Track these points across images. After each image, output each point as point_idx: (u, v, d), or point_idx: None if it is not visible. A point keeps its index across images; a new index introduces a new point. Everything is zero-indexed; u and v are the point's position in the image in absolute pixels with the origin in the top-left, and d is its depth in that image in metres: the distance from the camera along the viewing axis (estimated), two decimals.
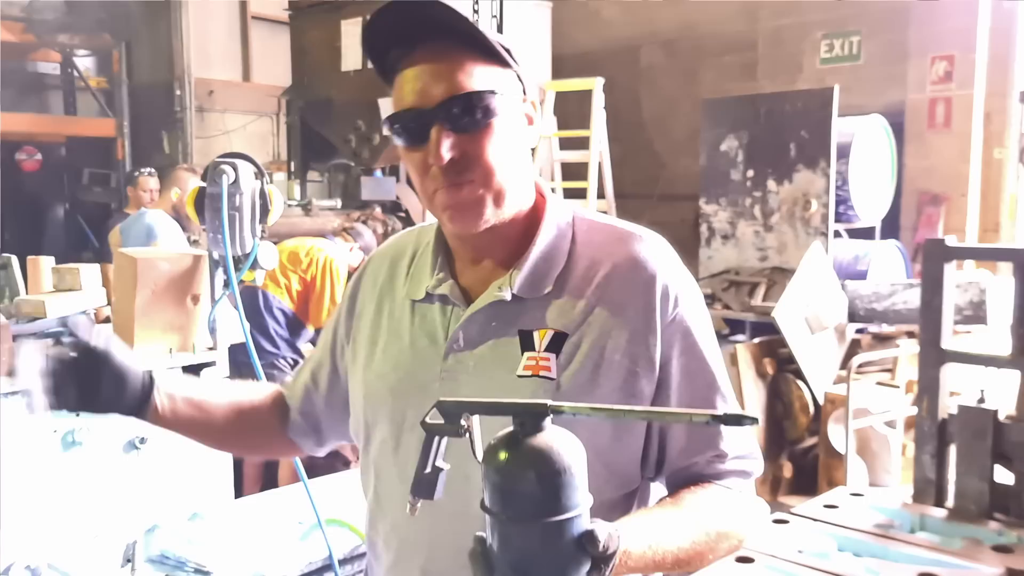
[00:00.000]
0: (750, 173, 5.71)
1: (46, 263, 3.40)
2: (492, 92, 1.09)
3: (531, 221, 1.19)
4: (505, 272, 1.17)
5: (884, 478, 4.54)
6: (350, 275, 5.15)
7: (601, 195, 6.34)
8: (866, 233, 5.96)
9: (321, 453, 1.47)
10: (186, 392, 1.31)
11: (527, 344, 1.14)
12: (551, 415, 0.85)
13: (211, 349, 2.94)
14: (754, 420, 0.83)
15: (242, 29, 8.68)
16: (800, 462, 4.76)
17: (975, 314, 4.54)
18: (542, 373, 1.12)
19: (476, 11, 4.21)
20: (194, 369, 2.90)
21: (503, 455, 0.83)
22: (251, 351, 2.37)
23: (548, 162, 6.35)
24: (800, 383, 4.65)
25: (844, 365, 4.57)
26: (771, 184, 5.61)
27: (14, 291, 3.25)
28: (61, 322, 2.96)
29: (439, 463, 0.92)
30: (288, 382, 1.46)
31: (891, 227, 6.18)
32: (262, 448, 1.60)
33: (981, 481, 2.72)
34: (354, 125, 6.06)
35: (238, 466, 4.37)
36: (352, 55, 6.05)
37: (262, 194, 2.72)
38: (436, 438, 0.91)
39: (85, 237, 7.85)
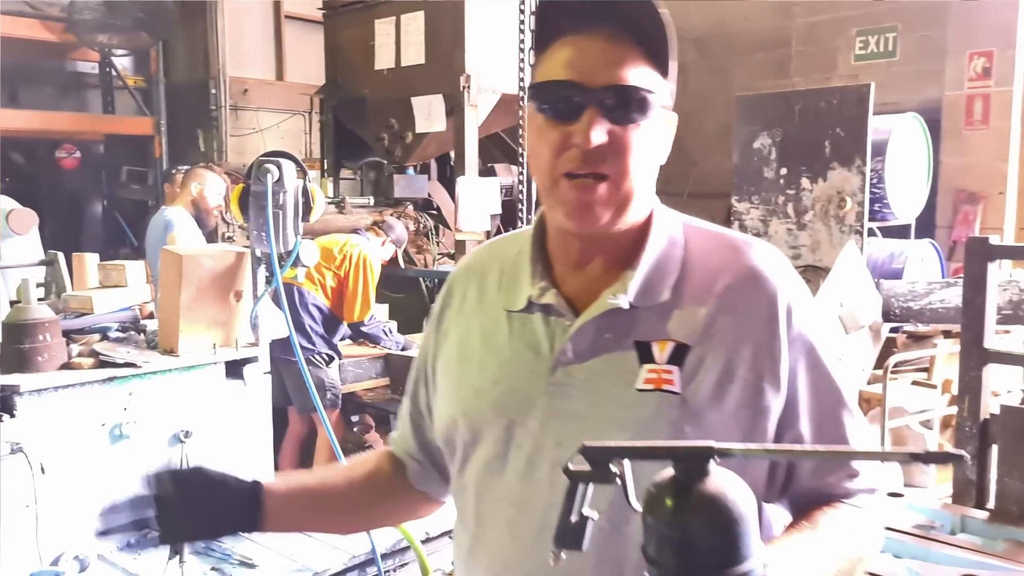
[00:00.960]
0: (783, 171, 5.67)
1: (91, 260, 3.47)
2: (653, 92, 1.06)
3: (641, 231, 1.13)
4: (614, 280, 1.10)
5: (920, 478, 4.49)
6: (386, 274, 5.23)
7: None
8: (901, 231, 5.91)
9: (448, 495, 1.34)
10: (297, 485, 1.28)
11: (646, 356, 1.07)
12: (717, 458, 0.78)
13: (253, 345, 2.98)
14: (961, 457, 0.74)
15: (276, 28, 8.76)
16: None
17: (1014, 313, 4.49)
18: (665, 387, 1.05)
19: (522, 10, 4.23)
20: (236, 365, 2.95)
21: (670, 503, 0.76)
22: (295, 346, 2.41)
23: None
24: None
25: (879, 364, 4.54)
26: (805, 182, 5.57)
27: (61, 287, 3.32)
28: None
29: (586, 511, 0.84)
30: (393, 436, 1.39)
31: (926, 225, 6.12)
32: (392, 513, 1.45)
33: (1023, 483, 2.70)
34: (387, 123, 6.09)
35: (275, 460, 4.44)
36: (385, 54, 6.09)
37: (304, 192, 2.76)
38: (581, 485, 0.84)
39: (123, 233, 7.96)
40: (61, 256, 3.40)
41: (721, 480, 0.78)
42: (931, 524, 3.02)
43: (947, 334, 4.79)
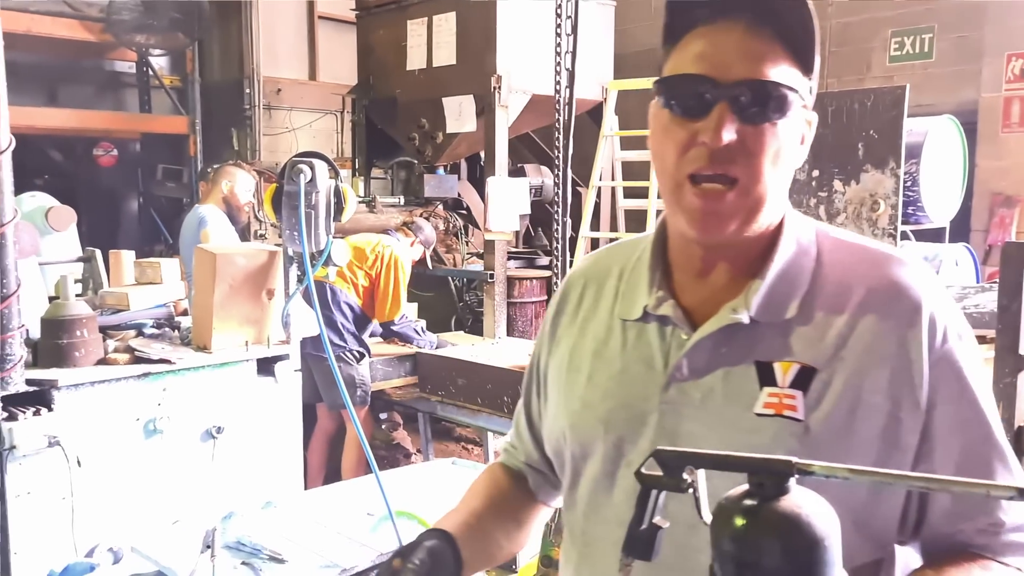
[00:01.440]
0: (815, 173, 5.61)
1: (128, 257, 3.53)
2: (793, 90, 0.96)
3: (771, 239, 1.03)
4: (737, 291, 1.01)
5: None
6: (415, 274, 5.26)
7: (662, 195, 6.32)
8: (935, 235, 5.83)
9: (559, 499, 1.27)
10: (466, 528, 1.18)
11: (767, 378, 0.98)
12: (796, 475, 0.71)
13: (284, 343, 3.02)
14: None
15: (309, 29, 8.84)
16: None
17: None
18: (787, 413, 0.96)
19: (558, 14, 4.24)
20: (268, 362, 2.99)
21: (740, 521, 0.71)
22: (326, 345, 2.44)
23: (609, 161, 6.35)
24: None
25: None
26: (837, 184, 5.51)
27: (98, 283, 3.38)
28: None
29: (657, 519, 0.80)
30: (507, 447, 1.32)
31: (961, 229, 6.03)
32: (528, 531, 1.33)
33: None
34: (418, 123, 6.13)
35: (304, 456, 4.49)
36: (417, 54, 6.13)
37: (336, 192, 2.79)
38: (654, 492, 0.80)
39: (158, 231, 8.08)
40: (98, 253, 3.46)
41: (800, 500, 0.71)
42: None
43: (981, 339, 4.72)
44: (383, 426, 5.73)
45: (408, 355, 4.96)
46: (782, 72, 0.95)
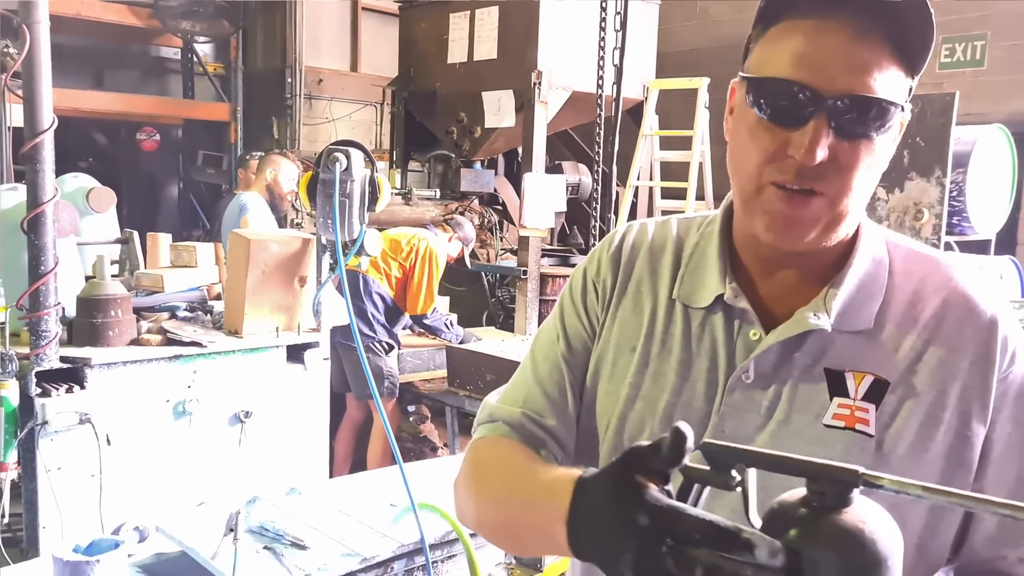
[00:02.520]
0: None
1: (164, 240, 3.57)
2: (897, 106, 0.88)
3: (847, 247, 0.98)
4: (809, 296, 0.97)
5: None
6: (448, 267, 5.26)
7: (700, 196, 6.26)
8: (980, 247, 5.70)
9: None
10: None
11: (838, 388, 0.93)
12: (861, 487, 0.65)
13: (314, 330, 3.03)
14: None
15: (352, 20, 8.88)
16: None
17: None
18: (859, 427, 0.92)
19: (603, 7, 4.20)
20: (298, 349, 3.00)
21: (796, 531, 0.64)
22: (355, 335, 2.43)
23: (647, 161, 6.30)
24: None
25: None
26: (880, 192, 5.42)
27: (135, 265, 3.42)
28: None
29: None
30: (513, 411, 1.10)
31: (1008, 241, 5.89)
32: None
33: None
34: (456, 117, 6.13)
35: (328, 447, 4.51)
36: (459, 48, 6.12)
37: (371, 182, 2.78)
38: (696, 486, 0.73)
39: (196, 216, 8.17)
40: (136, 235, 3.49)
41: (864, 514, 0.64)
42: None
43: None
44: (411, 419, 5.73)
45: (438, 348, 4.96)
46: (888, 81, 0.87)
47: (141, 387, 2.65)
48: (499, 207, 6.81)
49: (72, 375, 2.55)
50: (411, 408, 5.72)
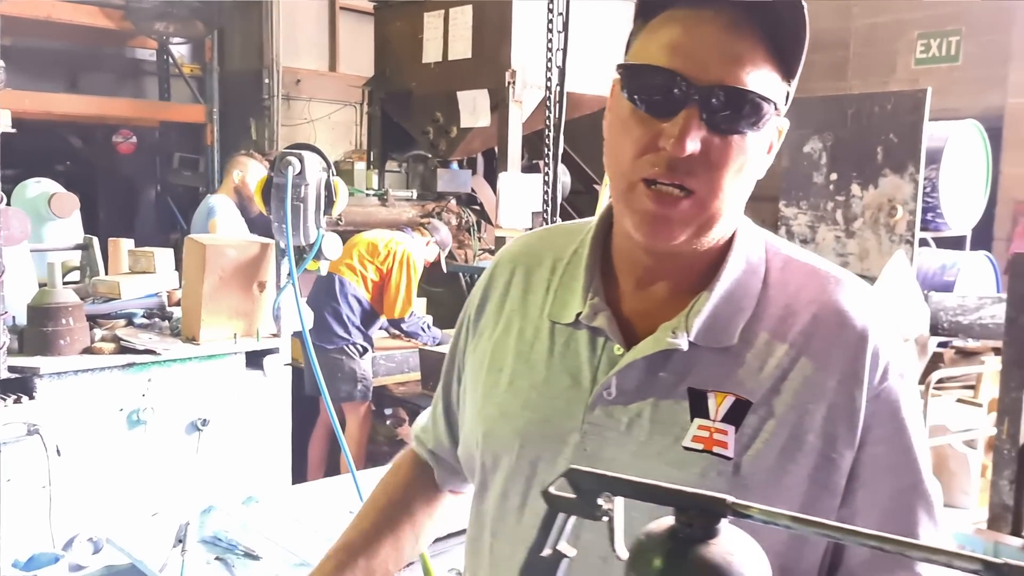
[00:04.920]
0: (833, 176, 5.52)
1: (126, 245, 3.52)
2: (770, 103, 0.87)
3: (721, 252, 0.96)
4: (679, 307, 0.94)
5: (962, 500, 4.33)
6: (426, 269, 5.23)
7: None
8: (956, 243, 5.70)
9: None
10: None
11: (699, 408, 0.91)
12: (729, 517, 0.63)
13: (274, 336, 2.99)
14: None
15: (330, 20, 8.83)
16: None
17: None
18: (716, 449, 0.89)
19: (550, 9, 4.17)
20: (257, 355, 2.96)
21: (660, 562, 0.63)
22: (306, 341, 2.41)
23: None
24: None
25: (924, 379, 4.38)
26: (855, 188, 5.41)
27: (94, 271, 3.37)
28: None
29: (562, 547, 0.71)
30: (420, 434, 1.24)
31: (983, 237, 5.90)
32: (438, 526, 1.27)
33: None
34: (432, 117, 6.10)
35: (302, 451, 4.47)
36: (433, 47, 6.09)
37: (327, 185, 2.75)
38: (561, 515, 0.71)
39: (174, 219, 8.11)
40: (95, 241, 3.45)
41: (731, 545, 0.63)
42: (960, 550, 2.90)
43: (997, 351, 4.60)
44: (388, 422, 5.70)
45: (411, 351, 4.93)
46: (762, 78, 0.86)
47: (93, 396, 2.61)
48: (477, 207, 6.78)
49: (22, 385, 2.51)
50: (388, 411, 5.69)
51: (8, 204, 3.53)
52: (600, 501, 0.69)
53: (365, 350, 4.72)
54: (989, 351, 4.69)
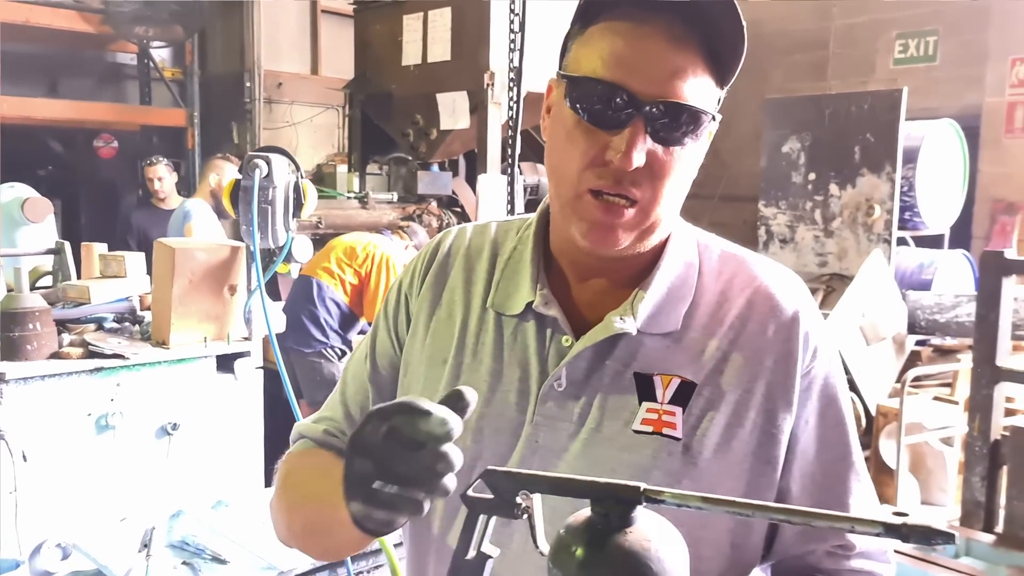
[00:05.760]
0: (812, 176, 5.54)
1: (99, 249, 3.50)
2: (708, 114, 0.90)
3: (658, 250, 0.99)
4: (620, 299, 0.97)
5: (939, 497, 4.36)
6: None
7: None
8: (935, 241, 5.74)
9: None
10: None
11: (646, 392, 0.93)
12: (644, 503, 0.64)
13: (246, 339, 2.98)
14: (949, 537, 0.60)
15: (312, 23, 8.81)
16: None
17: None
18: (666, 431, 0.92)
19: (512, 9, 4.16)
20: (229, 359, 2.95)
21: (580, 555, 0.63)
22: (275, 346, 2.40)
23: None
24: (852, 395, 4.49)
25: (900, 377, 4.41)
26: (833, 188, 5.44)
27: (66, 276, 3.36)
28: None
29: (486, 548, 0.72)
30: (316, 428, 1.10)
31: (962, 236, 5.93)
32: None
33: None
34: (412, 119, 6.09)
35: (279, 455, 4.46)
36: (413, 50, 6.08)
37: (296, 188, 2.75)
38: (482, 517, 0.72)
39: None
40: (67, 245, 3.43)
41: (648, 531, 0.64)
42: (933, 546, 2.92)
43: (970, 348, 4.63)
44: None
45: None
46: (701, 88, 0.89)
47: (61, 401, 2.59)
48: (458, 209, 6.77)
49: None
50: None
51: None
52: (519, 499, 0.70)
53: (344, 353, 4.71)
54: (966, 349, 4.72)
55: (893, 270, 5.09)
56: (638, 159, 0.87)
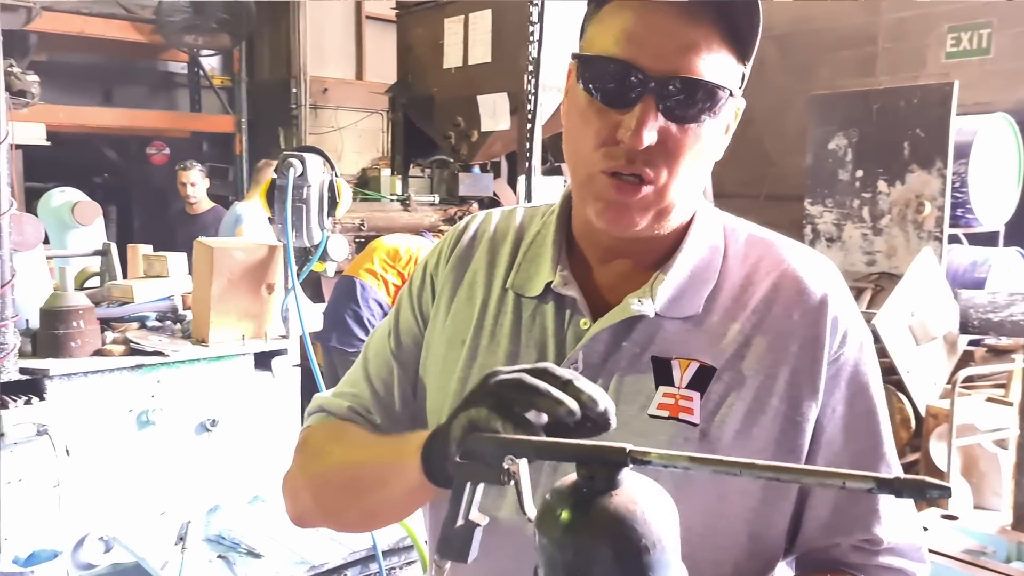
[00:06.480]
0: (859, 173, 5.43)
1: (144, 251, 3.58)
2: (725, 90, 0.87)
3: (681, 233, 0.97)
4: (641, 282, 0.95)
5: (992, 501, 4.22)
6: None
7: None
8: (989, 239, 5.57)
9: None
10: None
11: (663, 376, 0.91)
12: (630, 465, 0.62)
13: (283, 337, 3.02)
14: (945, 490, 0.56)
15: (356, 29, 8.92)
16: None
17: None
18: (682, 416, 0.89)
19: (533, 2, 4.15)
20: (266, 356, 2.99)
21: (565, 518, 0.62)
22: (307, 344, 2.42)
23: None
24: (901, 395, 4.38)
25: (952, 378, 4.28)
26: (882, 185, 5.31)
27: (112, 276, 3.44)
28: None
29: (473, 516, 0.71)
30: (341, 404, 1.08)
31: (1017, 233, 5.74)
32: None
33: None
34: (453, 121, 6.11)
35: None
36: (454, 53, 6.11)
37: (331, 187, 2.77)
38: (469, 484, 0.71)
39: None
40: (114, 247, 3.51)
41: (634, 494, 0.63)
42: (983, 550, 2.83)
43: None
44: None
45: None
46: (718, 63, 0.86)
47: (103, 397, 2.65)
48: None
49: (32, 387, 2.56)
50: None
51: (35, 213, 3.62)
52: (506, 464, 0.69)
53: None
54: (1021, 349, 4.57)
55: (944, 268, 4.95)
56: (648, 137, 0.84)
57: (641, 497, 0.62)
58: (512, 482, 0.69)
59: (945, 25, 6.59)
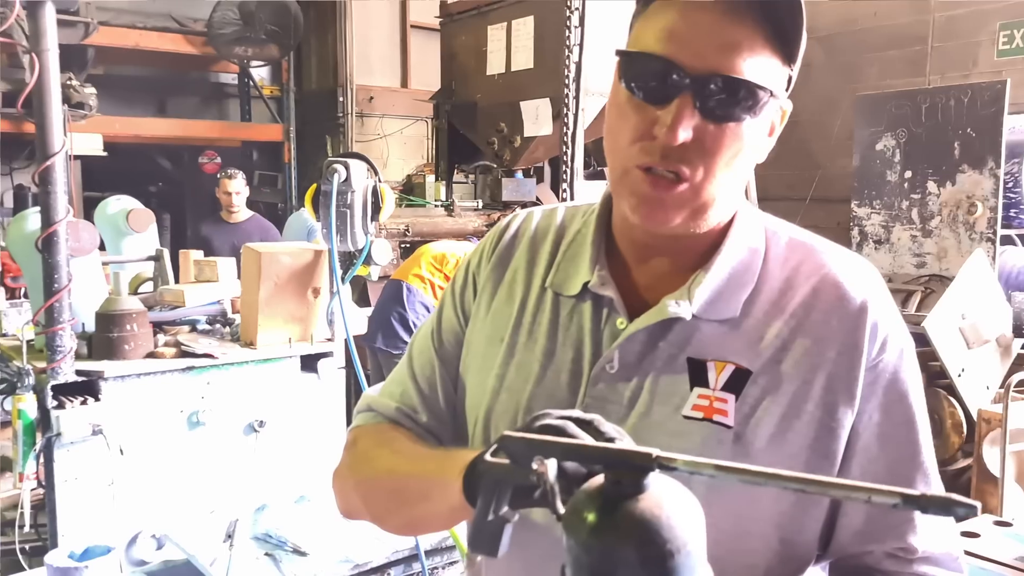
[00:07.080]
0: (908, 174, 5.34)
1: (196, 256, 3.68)
2: (767, 91, 0.86)
3: (720, 234, 0.97)
4: (680, 282, 0.94)
5: None
6: None
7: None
8: None
9: None
10: None
11: (698, 378, 0.91)
12: (656, 470, 0.63)
13: (329, 340, 3.08)
14: (971, 508, 0.55)
15: (401, 37, 9.02)
16: (951, 486, 4.35)
17: None
18: (717, 418, 0.89)
19: (569, 6, 4.16)
20: (312, 359, 3.05)
21: (592, 521, 0.63)
22: (351, 346, 2.47)
23: None
24: (953, 400, 4.30)
25: (1005, 382, 4.19)
26: (931, 186, 5.22)
27: (164, 281, 3.53)
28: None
29: (505, 512, 0.73)
30: (388, 404, 1.10)
31: None
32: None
33: None
34: (496, 127, 6.16)
35: None
36: (497, 59, 6.16)
37: (374, 192, 2.82)
38: (500, 482, 0.74)
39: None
40: (166, 252, 3.61)
41: (661, 498, 0.63)
42: None
43: None
44: None
45: None
46: (760, 65, 0.85)
47: (155, 398, 2.73)
48: None
49: (88, 388, 2.65)
50: None
51: (92, 220, 3.74)
52: (534, 465, 0.70)
53: None
54: None
55: (997, 270, 4.85)
56: (684, 134, 0.84)
57: (667, 502, 0.63)
58: (540, 482, 0.69)
59: (996, 22, 6.45)
